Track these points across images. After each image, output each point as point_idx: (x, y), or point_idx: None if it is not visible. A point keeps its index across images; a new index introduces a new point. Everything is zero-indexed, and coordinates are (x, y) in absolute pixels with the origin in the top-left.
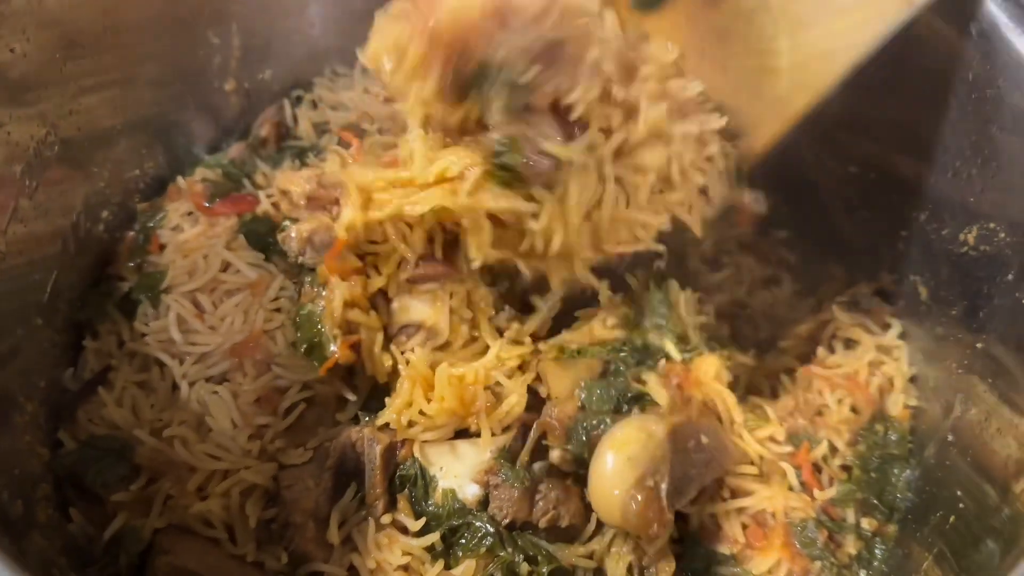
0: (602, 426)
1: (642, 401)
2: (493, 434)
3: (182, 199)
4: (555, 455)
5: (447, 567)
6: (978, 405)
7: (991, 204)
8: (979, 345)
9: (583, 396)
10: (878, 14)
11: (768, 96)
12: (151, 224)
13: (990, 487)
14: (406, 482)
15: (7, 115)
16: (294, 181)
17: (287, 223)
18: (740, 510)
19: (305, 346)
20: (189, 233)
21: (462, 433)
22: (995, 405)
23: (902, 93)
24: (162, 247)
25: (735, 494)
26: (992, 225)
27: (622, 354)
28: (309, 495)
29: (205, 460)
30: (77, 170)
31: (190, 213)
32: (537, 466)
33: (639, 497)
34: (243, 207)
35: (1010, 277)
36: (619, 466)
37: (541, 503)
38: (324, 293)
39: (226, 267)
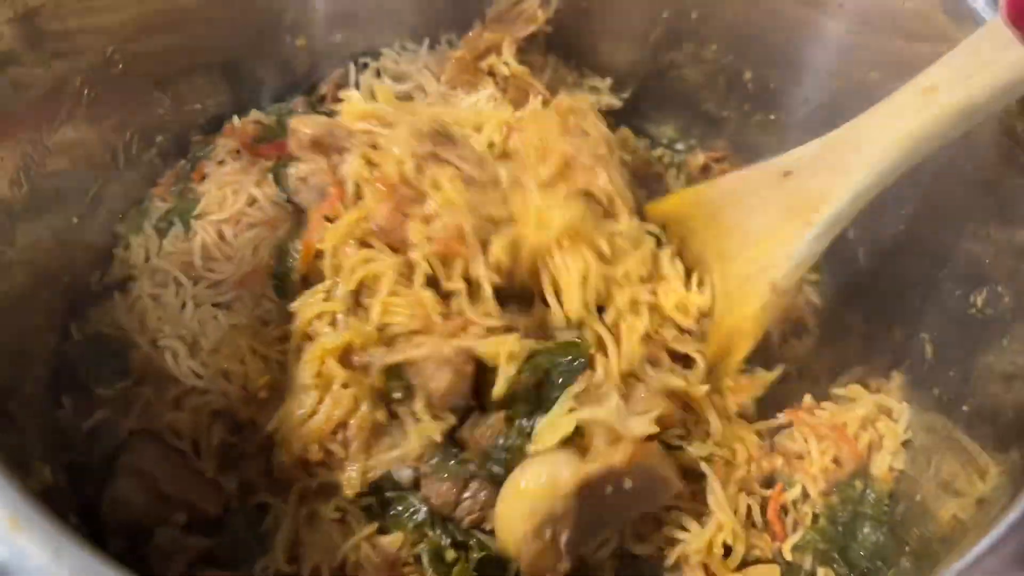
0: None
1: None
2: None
3: (233, 136)
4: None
5: (381, 531)
6: (944, 472)
7: (1003, 267)
8: (965, 408)
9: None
10: (784, 238)
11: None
12: (200, 155)
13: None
14: None
15: (76, 24)
16: (305, 123)
17: (291, 163)
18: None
19: (275, 282)
20: (229, 168)
21: None
22: (956, 477)
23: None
24: (203, 177)
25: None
26: (1000, 288)
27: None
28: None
29: (188, 375)
30: (138, 92)
31: (237, 151)
32: (473, 465)
33: (533, 545)
34: (284, 151)
35: (1005, 342)
36: (518, 511)
37: (468, 502)
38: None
39: (252, 202)
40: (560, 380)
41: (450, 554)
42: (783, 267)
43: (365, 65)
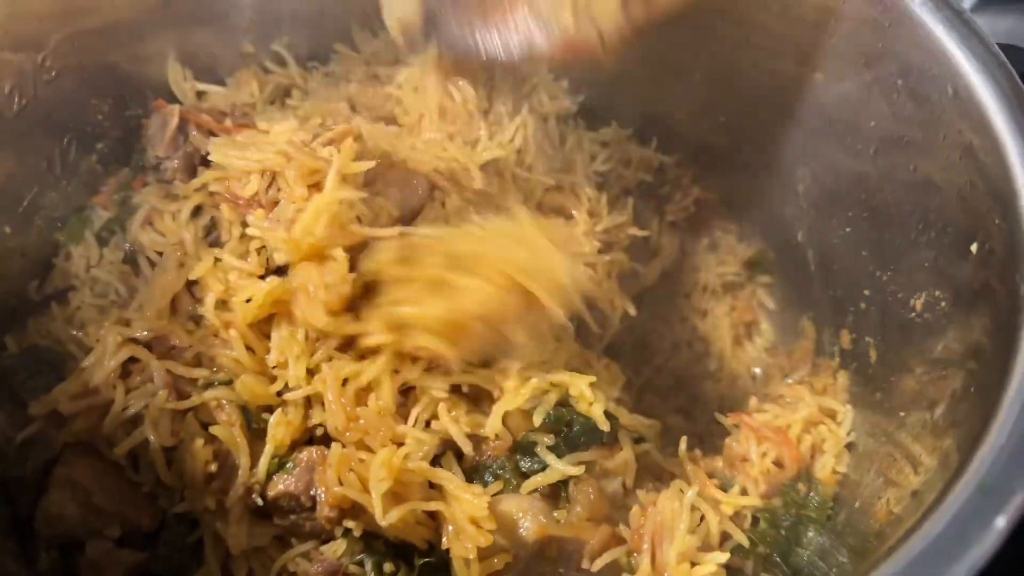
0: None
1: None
2: None
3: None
4: None
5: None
6: (886, 473)
7: (940, 272)
8: (902, 414)
9: None
10: None
11: None
12: (142, 163)
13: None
14: None
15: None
16: None
17: None
18: None
19: None
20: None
21: None
22: (895, 475)
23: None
24: (145, 184)
25: None
26: (937, 293)
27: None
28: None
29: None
30: (74, 99)
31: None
32: None
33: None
34: None
35: (940, 347)
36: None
37: None
38: None
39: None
40: (582, 439)
41: (388, 567)
42: None
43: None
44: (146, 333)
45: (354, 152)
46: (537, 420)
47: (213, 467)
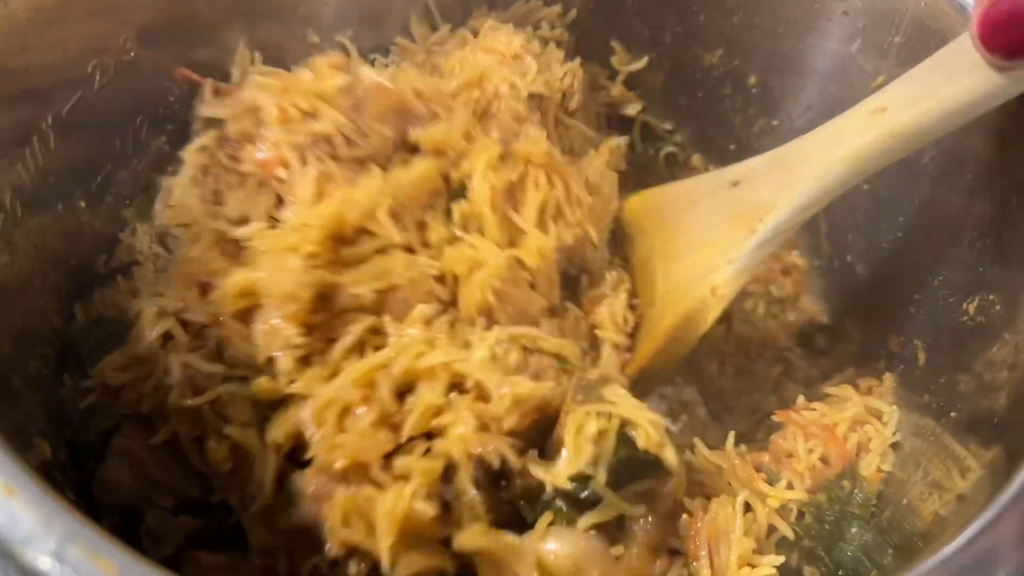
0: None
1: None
2: None
3: None
4: None
5: None
6: (932, 474)
7: (995, 276)
8: (953, 414)
9: None
10: (727, 245)
11: (647, 322)
12: None
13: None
14: None
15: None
16: None
17: None
18: None
19: None
20: None
21: None
22: (941, 477)
23: (936, 161)
24: None
25: None
26: (992, 297)
27: None
28: None
29: None
30: (150, 77)
31: None
32: None
33: None
34: None
35: (994, 350)
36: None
37: None
38: None
39: None
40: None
41: None
42: (724, 272)
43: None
44: (178, 306)
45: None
46: (601, 478)
47: (229, 465)
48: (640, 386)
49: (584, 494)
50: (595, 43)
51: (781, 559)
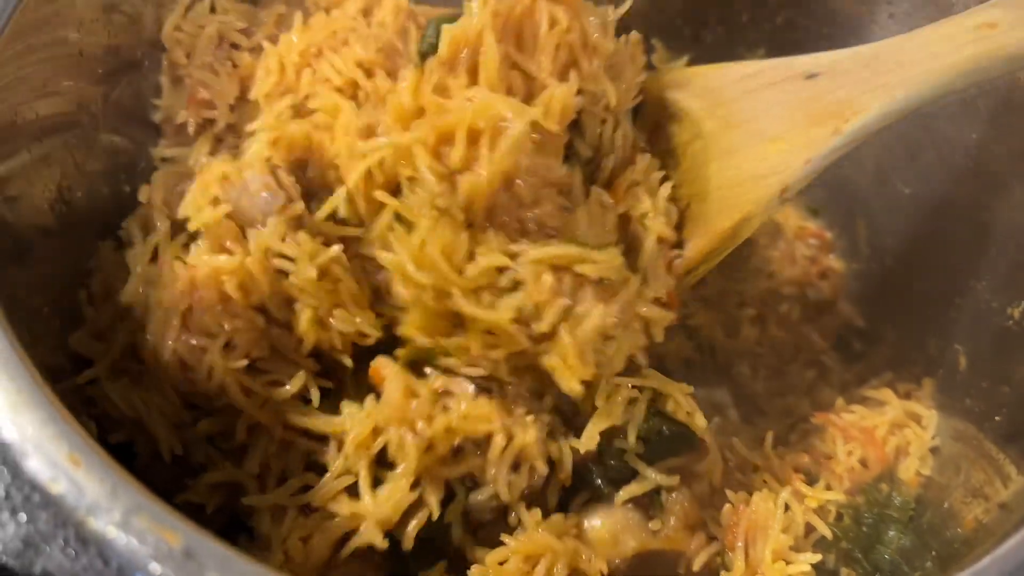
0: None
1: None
2: None
3: None
4: None
5: None
6: (973, 480)
7: None
8: (997, 418)
9: None
10: (806, 142)
11: (698, 217)
12: None
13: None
14: None
15: None
16: None
17: None
18: None
19: None
20: None
21: None
22: (982, 484)
23: (984, 166)
24: None
25: None
26: None
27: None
28: None
29: None
30: None
31: None
32: None
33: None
34: None
35: None
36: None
37: None
38: None
39: None
40: (672, 445)
41: None
42: (798, 172)
43: None
44: None
45: None
46: (631, 438)
47: None
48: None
49: (617, 466)
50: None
51: (817, 557)
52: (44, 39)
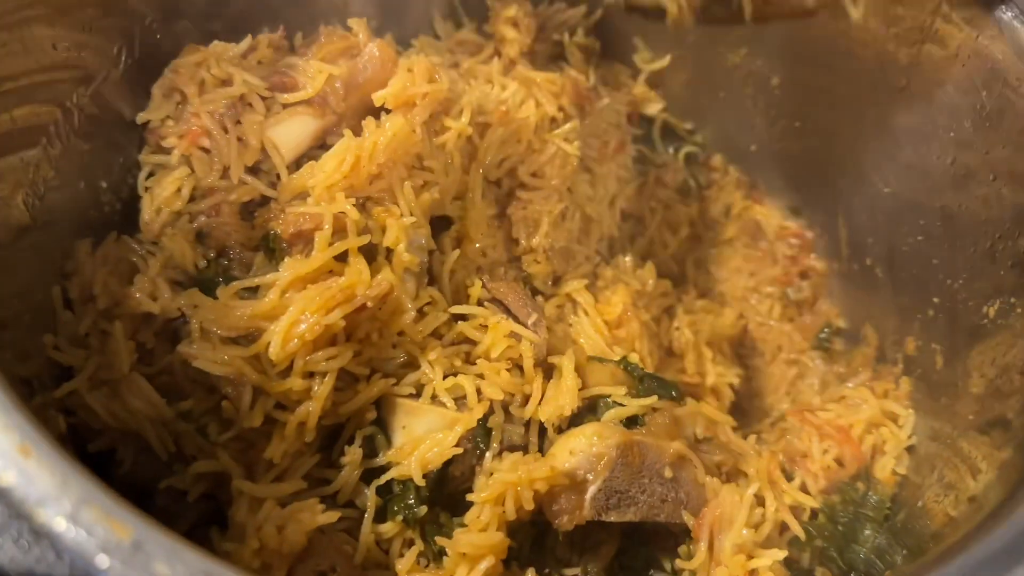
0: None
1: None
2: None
3: None
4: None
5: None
6: (947, 477)
7: (1017, 279)
8: (972, 418)
9: None
10: None
11: None
12: None
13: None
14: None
15: None
16: None
17: None
18: None
19: None
20: None
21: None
22: (955, 480)
23: (961, 164)
24: None
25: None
26: (1013, 300)
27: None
28: None
29: None
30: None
31: None
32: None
33: (566, 480)
34: None
35: (1012, 353)
36: (560, 451)
37: None
38: None
39: None
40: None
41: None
42: None
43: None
44: None
45: None
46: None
47: None
48: None
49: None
50: (619, 41)
51: (782, 554)
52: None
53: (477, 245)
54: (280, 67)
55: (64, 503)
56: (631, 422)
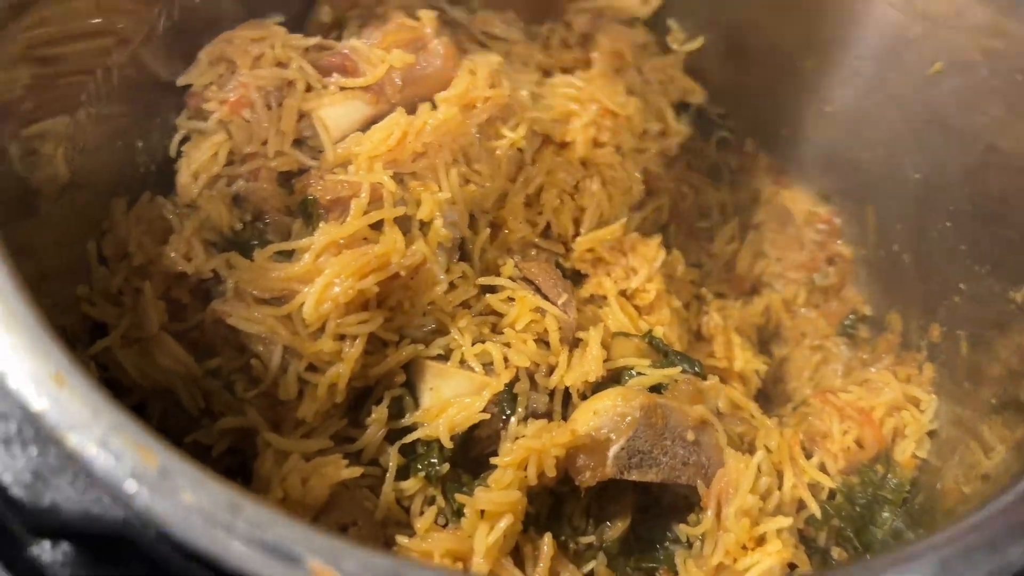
0: None
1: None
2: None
3: None
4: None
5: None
6: (966, 460)
7: None
8: (993, 401)
9: None
10: None
11: None
12: None
13: None
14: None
15: None
16: None
17: None
18: None
19: None
20: None
21: None
22: (973, 459)
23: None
24: None
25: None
26: None
27: None
28: None
29: None
30: None
31: None
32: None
33: (588, 439)
34: None
35: None
36: (583, 414)
37: None
38: None
39: None
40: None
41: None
42: None
43: None
44: None
45: None
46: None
47: None
48: None
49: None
50: (652, 21)
51: (788, 520)
52: None
53: (509, 231)
54: (341, 48)
55: (95, 429)
56: (654, 391)
